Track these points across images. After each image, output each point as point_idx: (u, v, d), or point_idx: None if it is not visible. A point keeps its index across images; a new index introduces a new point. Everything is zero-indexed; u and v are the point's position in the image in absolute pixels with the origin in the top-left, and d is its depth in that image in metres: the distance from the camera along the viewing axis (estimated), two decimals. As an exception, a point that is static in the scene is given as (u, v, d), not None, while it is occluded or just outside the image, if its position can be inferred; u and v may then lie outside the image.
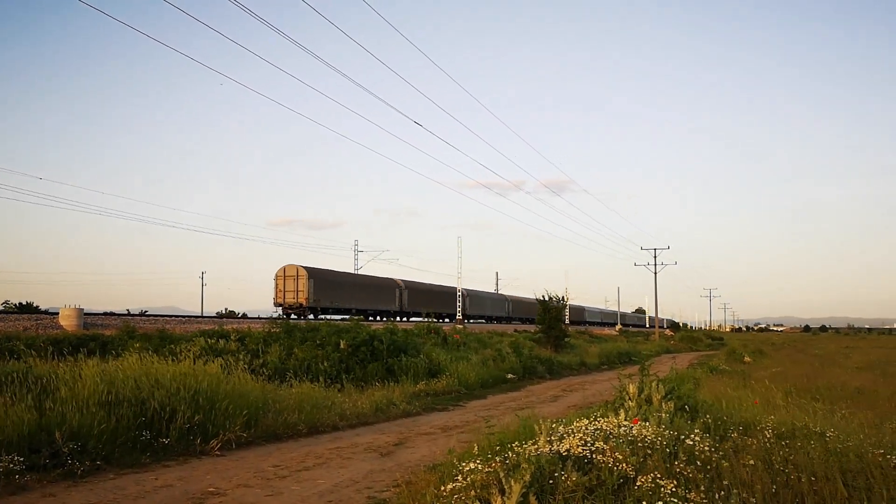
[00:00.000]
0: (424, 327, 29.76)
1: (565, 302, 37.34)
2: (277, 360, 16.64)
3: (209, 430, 10.17)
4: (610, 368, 31.44)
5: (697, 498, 5.39)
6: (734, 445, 7.63)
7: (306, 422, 11.84)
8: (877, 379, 22.32)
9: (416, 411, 14.76)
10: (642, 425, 7.71)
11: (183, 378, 10.66)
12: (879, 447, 7.52)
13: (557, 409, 15.26)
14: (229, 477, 8.41)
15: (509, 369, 23.79)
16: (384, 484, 8.12)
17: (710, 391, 14.88)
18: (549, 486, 5.85)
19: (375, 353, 18.67)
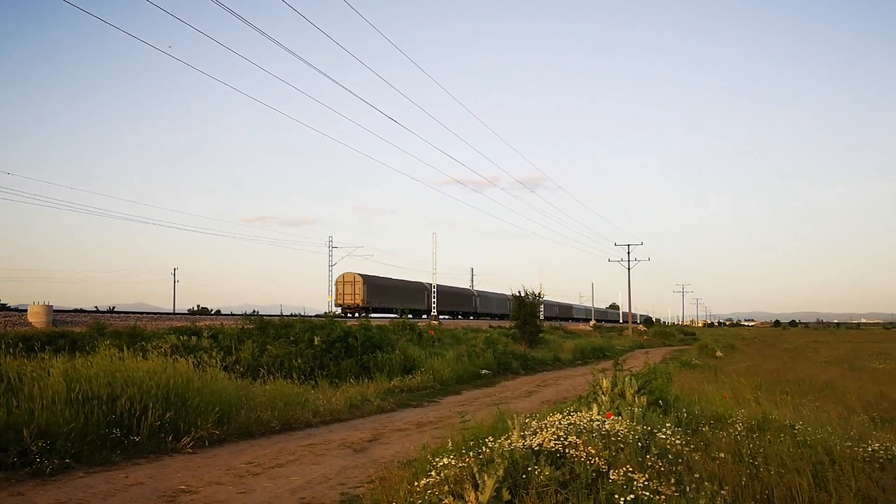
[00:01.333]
0: (399, 323, 29.72)
1: (540, 298, 37.42)
2: (251, 356, 16.52)
3: (181, 427, 10.08)
4: (584, 364, 31.64)
5: (669, 491, 5.43)
6: (705, 439, 7.71)
7: (279, 419, 11.77)
8: (845, 373, 22.69)
9: (391, 407, 14.73)
10: (615, 420, 7.76)
11: (154, 375, 10.55)
12: (847, 440, 7.65)
13: (531, 404, 15.32)
14: (201, 475, 8.33)
15: (484, 365, 23.83)
16: (358, 480, 8.09)
17: (682, 386, 15.02)
18: (523, 480, 5.86)
19: (350, 349, 18.60)
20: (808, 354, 38.23)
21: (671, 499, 5.29)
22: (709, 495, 5.37)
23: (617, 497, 5.37)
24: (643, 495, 5.38)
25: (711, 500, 5.27)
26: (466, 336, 33.91)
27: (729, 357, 34.80)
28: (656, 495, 5.40)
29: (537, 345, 34.79)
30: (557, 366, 30.40)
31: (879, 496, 5.49)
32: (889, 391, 16.17)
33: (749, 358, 33.07)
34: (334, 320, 21.41)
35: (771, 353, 38.62)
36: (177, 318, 32.04)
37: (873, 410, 12.18)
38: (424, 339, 28.35)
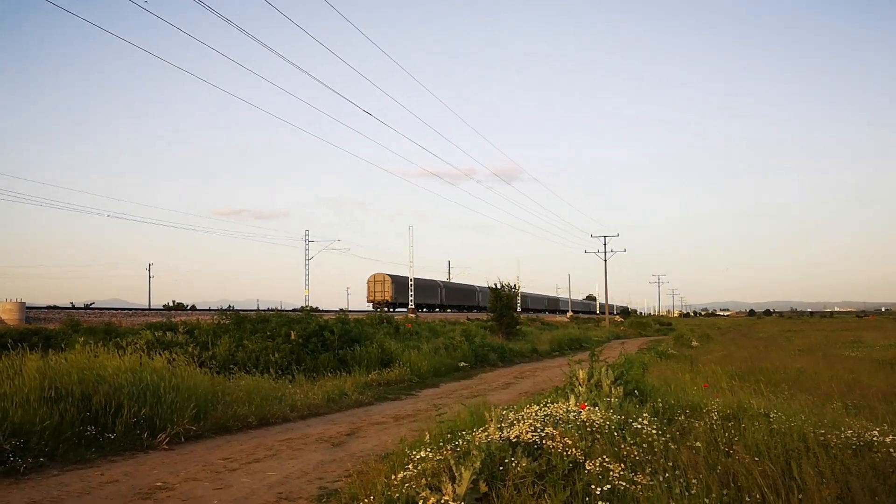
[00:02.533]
0: (377, 317, 29.70)
1: (517, 290, 37.52)
2: (227, 352, 16.41)
3: (156, 423, 9.99)
4: (561, 355, 31.77)
5: (644, 481, 5.48)
6: (681, 428, 7.77)
7: (256, 414, 11.70)
8: (818, 361, 22.96)
9: (369, 401, 14.71)
10: (591, 410, 7.80)
11: (129, 372, 10.45)
12: (821, 427, 7.75)
13: (509, 395, 15.36)
14: (177, 471, 8.27)
15: (461, 357, 23.85)
16: (335, 474, 8.07)
17: (658, 376, 15.14)
18: (500, 472, 5.88)
19: (327, 343, 18.54)
20: (782, 343, 38.66)
21: (647, 488, 5.33)
22: (683, 484, 5.42)
23: (593, 487, 5.41)
24: (619, 485, 5.42)
25: (686, 489, 5.32)
26: (444, 329, 33.96)
27: (704, 347, 35.14)
28: (632, 485, 5.44)
29: (515, 337, 34.90)
30: (535, 357, 30.50)
31: (852, 482, 5.56)
32: (861, 378, 16.40)
33: (724, 347, 33.40)
34: (311, 314, 21.35)
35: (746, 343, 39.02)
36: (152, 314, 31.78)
37: (846, 398, 12.33)
38: (402, 332, 28.37)
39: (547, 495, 5.48)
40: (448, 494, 5.31)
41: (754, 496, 5.22)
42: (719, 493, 5.28)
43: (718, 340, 43.03)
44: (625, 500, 5.27)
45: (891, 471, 6.02)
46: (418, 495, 5.42)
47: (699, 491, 5.24)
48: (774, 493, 5.26)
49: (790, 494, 5.24)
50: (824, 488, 5.21)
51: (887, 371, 19.22)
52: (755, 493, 5.32)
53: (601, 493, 5.29)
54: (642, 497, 5.22)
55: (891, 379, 16.83)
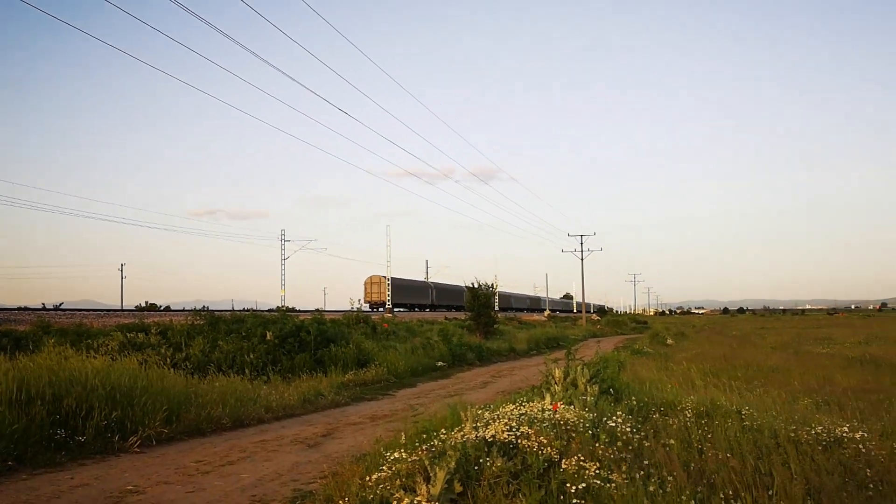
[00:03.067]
0: (353, 317, 29.57)
1: (494, 289, 37.57)
2: (201, 353, 16.25)
3: (128, 426, 9.86)
4: (538, 354, 31.86)
5: (619, 479, 5.49)
6: (655, 426, 7.82)
7: (230, 415, 11.60)
8: (789, 358, 23.26)
9: (345, 401, 14.64)
10: (566, 409, 7.82)
11: (100, 374, 10.31)
12: (792, 423, 7.83)
13: (486, 395, 15.37)
14: (149, 474, 8.17)
15: (439, 357, 23.84)
16: (310, 476, 8.01)
17: (633, 374, 15.22)
18: (475, 472, 5.87)
19: (303, 343, 18.43)
20: (755, 340, 39.09)
21: (621, 486, 5.35)
22: (658, 482, 5.45)
23: (568, 486, 5.41)
24: (594, 483, 5.43)
25: (660, 487, 5.34)
26: (422, 328, 33.93)
27: (679, 344, 35.42)
28: (607, 483, 5.45)
29: (492, 336, 34.94)
30: (512, 356, 30.56)
31: (822, 477, 5.62)
32: (832, 375, 16.62)
33: (699, 345, 33.68)
34: (287, 315, 21.21)
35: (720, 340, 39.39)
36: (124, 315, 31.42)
37: (817, 394, 12.49)
38: (379, 332, 28.28)
39: (522, 494, 5.47)
40: (422, 495, 5.29)
41: (727, 493, 5.25)
42: (693, 490, 5.31)
43: (693, 338, 43.40)
44: (600, 499, 5.28)
45: (860, 466, 6.10)
46: (392, 496, 5.39)
47: (673, 488, 5.27)
48: (746, 490, 5.29)
49: (761, 491, 5.28)
50: (794, 484, 5.26)
51: (857, 368, 19.50)
52: (728, 489, 5.35)
53: (576, 491, 5.30)
54: (617, 495, 5.23)
55: (860, 375, 17.09)
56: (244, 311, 31.52)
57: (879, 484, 5.66)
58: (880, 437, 7.48)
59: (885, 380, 16.16)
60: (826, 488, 5.38)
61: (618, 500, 5.18)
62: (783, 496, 5.11)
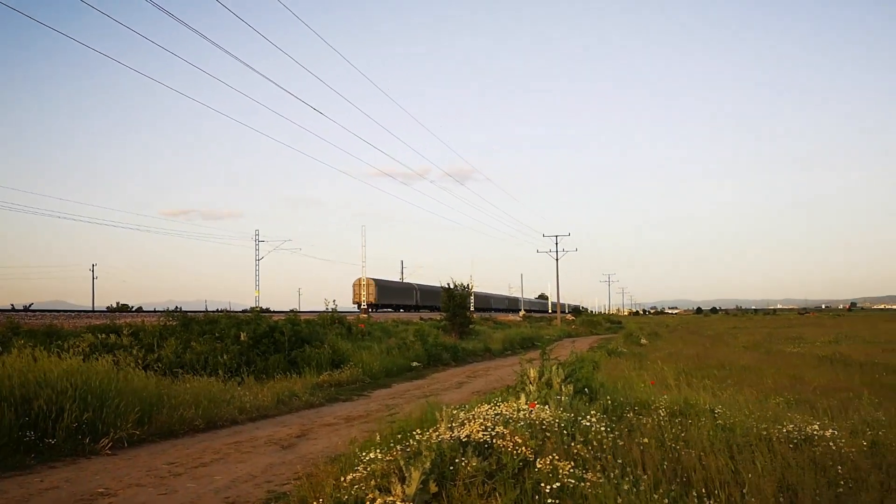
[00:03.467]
0: (328, 317, 29.45)
1: (470, 289, 37.59)
2: (173, 354, 16.08)
3: (99, 428, 9.73)
4: (513, 354, 31.92)
5: (594, 478, 5.51)
6: (630, 425, 7.86)
7: (204, 417, 11.49)
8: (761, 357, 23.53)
9: (320, 402, 14.57)
10: (541, 408, 7.84)
11: (71, 375, 10.16)
12: (763, 422, 7.92)
13: (461, 395, 15.36)
14: (120, 476, 8.06)
15: (414, 357, 23.80)
16: (284, 477, 7.96)
17: (608, 373, 15.30)
18: (450, 472, 5.86)
19: (277, 344, 18.32)
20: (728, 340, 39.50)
21: (596, 485, 5.37)
22: (632, 480, 5.47)
23: (543, 485, 5.42)
24: (568, 483, 5.45)
25: (634, 485, 5.36)
26: (397, 329, 33.85)
27: (653, 344, 35.65)
28: (581, 482, 5.47)
29: (467, 336, 34.96)
30: (488, 356, 30.59)
31: (794, 475, 5.68)
32: (803, 374, 16.83)
33: (672, 345, 33.95)
34: (261, 315, 21.07)
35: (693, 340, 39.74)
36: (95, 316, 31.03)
37: (788, 393, 12.64)
38: (354, 332, 28.18)
39: (497, 494, 5.48)
40: (397, 495, 5.27)
41: (700, 490, 5.29)
42: (667, 488, 5.34)
43: (667, 338, 43.73)
44: (574, 498, 5.30)
45: (830, 464, 6.17)
46: (367, 497, 5.37)
47: (647, 487, 5.29)
48: (720, 487, 5.34)
49: (734, 488, 5.33)
50: (766, 482, 5.31)
51: (827, 366, 19.77)
52: (701, 487, 5.39)
53: (550, 490, 5.31)
54: (591, 494, 5.25)
55: (830, 374, 17.32)
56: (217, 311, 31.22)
57: (850, 481, 5.73)
58: (850, 434, 7.58)
59: (854, 378, 16.40)
60: (798, 485, 5.43)
61: (592, 498, 5.20)
62: (755, 493, 5.15)
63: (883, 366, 19.68)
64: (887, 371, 18.04)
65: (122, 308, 52.99)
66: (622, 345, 32.51)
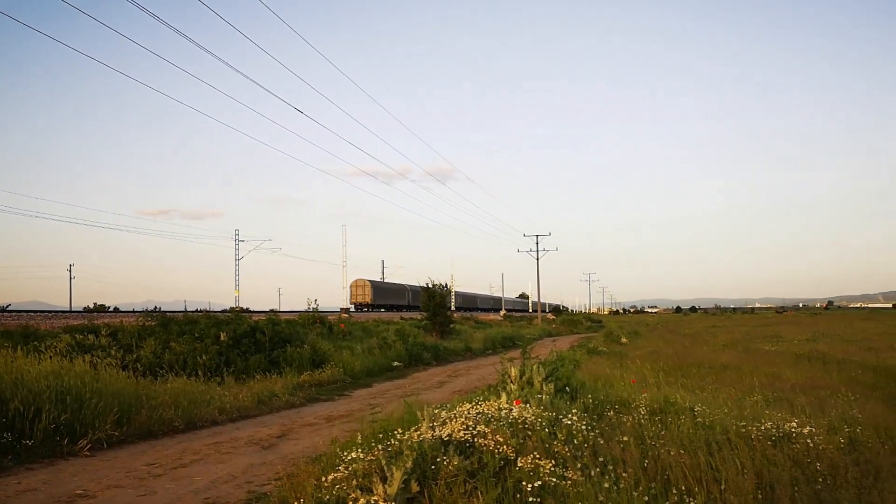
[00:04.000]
0: (309, 317, 29.33)
1: (450, 289, 37.60)
2: (152, 354, 15.95)
3: (77, 429, 9.64)
4: (494, 353, 31.95)
5: (574, 476, 5.53)
6: (610, 423, 7.90)
7: (183, 417, 11.41)
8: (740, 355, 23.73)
9: (300, 402, 14.51)
10: (523, 407, 7.85)
11: (48, 376, 10.07)
12: (742, 419, 7.98)
13: (443, 394, 15.37)
14: (99, 478, 7.99)
15: (395, 357, 23.77)
16: (265, 477, 7.92)
17: (589, 372, 15.36)
18: (432, 471, 5.86)
19: (258, 344, 18.22)
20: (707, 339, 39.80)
21: (577, 483, 5.39)
22: (613, 478, 5.50)
23: (524, 484, 5.43)
24: (549, 481, 5.46)
25: (615, 483, 5.39)
26: (378, 328, 33.78)
27: (633, 343, 35.86)
28: (563, 481, 5.49)
29: (448, 335, 34.95)
30: (469, 356, 30.61)
31: (772, 472, 5.73)
32: (781, 372, 16.99)
33: (652, 343, 34.16)
34: (240, 315, 20.95)
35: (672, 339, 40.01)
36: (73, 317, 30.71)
37: (767, 390, 12.75)
38: (335, 332, 28.10)
39: (479, 493, 5.48)
40: (379, 495, 5.26)
41: (680, 488, 5.32)
42: (647, 486, 5.37)
43: (647, 337, 44.00)
44: (556, 496, 5.32)
45: (808, 461, 6.24)
46: (349, 496, 5.36)
47: (628, 485, 5.32)
48: (699, 484, 5.38)
49: (714, 485, 5.37)
50: (745, 479, 5.35)
51: (804, 364, 19.99)
52: (682, 484, 5.43)
53: (532, 489, 5.32)
54: (572, 492, 5.27)
55: (808, 372, 17.51)
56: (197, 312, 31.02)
57: (828, 477, 5.79)
58: (828, 431, 7.67)
59: (831, 376, 16.59)
60: (776, 482, 5.48)
61: (573, 497, 5.22)
62: (735, 490, 5.20)
63: (859, 363, 19.95)
64: (864, 369, 18.28)
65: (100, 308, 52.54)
66: (602, 344, 32.66)
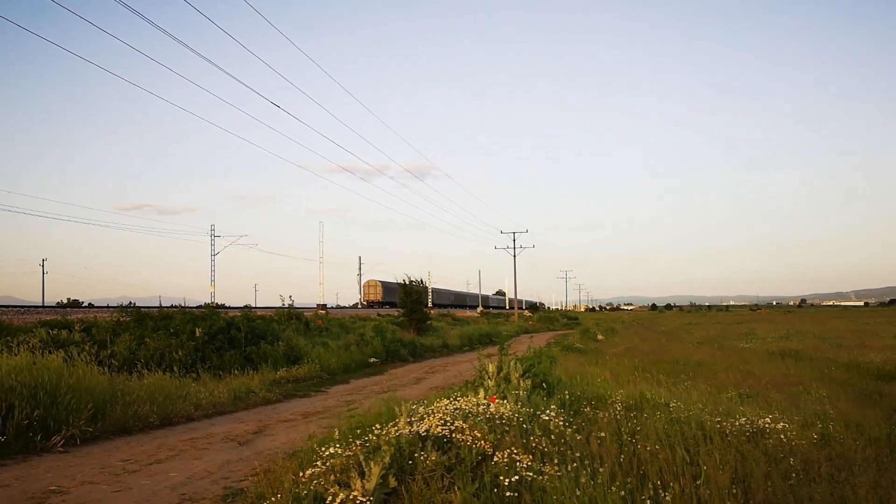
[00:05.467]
0: (285, 313, 29.18)
1: (427, 285, 37.58)
2: (127, 350, 15.81)
3: (51, 425, 9.53)
4: (471, 349, 31.97)
5: (551, 471, 5.56)
6: (587, 419, 7.95)
7: (159, 413, 11.32)
8: (714, 352, 23.97)
9: (277, 398, 14.46)
10: (500, 403, 7.89)
11: (20, 372, 9.95)
12: (717, 415, 8.07)
13: (420, 391, 15.38)
14: (73, 474, 7.90)
15: (372, 353, 23.75)
16: (242, 473, 7.88)
17: (565, 369, 15.44)
18: (409, 466, 5.86)
19: (233, 340, 18.11)
20: (682, 336, 40.18)
21: (553, 478, 5.42)
22: (589, 473, 5.54)
23: (501, 479, 5.45)
24: (526, 476, 5.49)
25: (591, 478, 5.43)
26: (355, 325, 33.70)
27: (609, 340, 36.09)
28: (539, 475, 5.52)
29: (425, 332, 34.96)
30: (446, 352, 30.66)
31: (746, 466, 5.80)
32: (754, 369, 17.20)
33: (628, 340, 34.41)
34: (216, 311, 20.79)
35: (648, 336, 40.33)
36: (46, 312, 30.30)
37: (741, 387, 12.89)
38: (312, 328, 27.99)
39: (456, 488, 5.50)
40: (357, 490, 5.26)
41: (656, 482, 5.37)
42: (623, 480, 5.41)
43: (623, 334, 44.29)
44: (532, 491, 5.34)
45: (782, 456, 6.32)
46: (327, 492, 5.34)
47: (604, 479, 5.36)
48: (675, 479, 5.43)
49: (689, 480, 5.42)
50: (720, 473, 5.41)
51: (777, 361, 20.24)
52: (657, 479, 5.48)
53: (509, 484, 5.34)
54: (549, 486, 5.30)
55: (781, 369, 17.73)
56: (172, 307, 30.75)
57: (801, 472, 5.87)
58: (801, 427, 7.78)
59: (804, 373, 16.82)
60: (751, 476, 5.55)
61: (550, 491, 5.25)
62: (710, 485, 5.25)
63: (832, 360, 20.22)
64: (836, 366, 18.53)
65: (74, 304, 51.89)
66: (579, 340, 32.84)
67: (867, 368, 17.94)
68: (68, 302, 55.10)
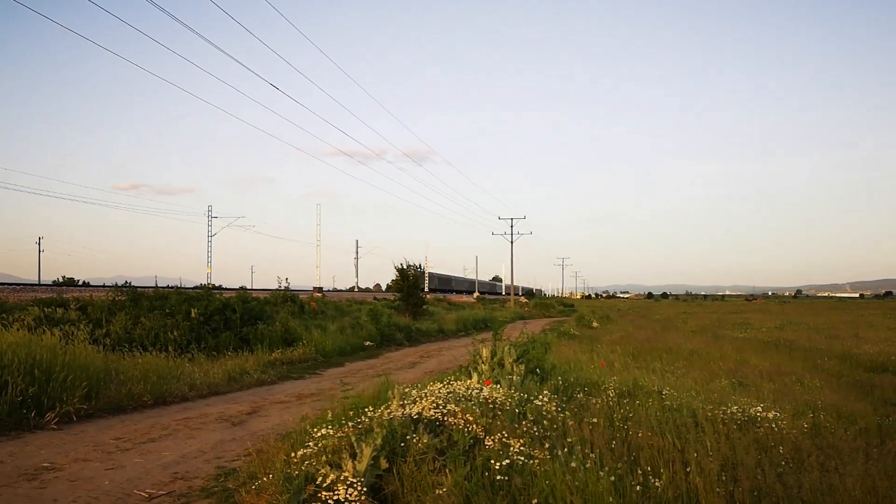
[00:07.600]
0: (280, 295, 29.20)
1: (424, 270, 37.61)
2: (122, 329, 15.82)
3: (45, 402, 9.55)
4: (467, 335, 32.05)
5: (542, 455, 5.58)
6: (580, 405, 7.97)
7: (153, 392, 11.34)
8: (708, 341, 24.02)
9: (271, 380, 14.48)
10: (493, 388, 7.91)
11: (16, 349, 9.94)
12: (709, 403, 8.11)
13: (414, 374, 15.42)
14: (66, 451, 7.93)
15: (367, 337, 23.78)
16: (234, 453, 7.91)
17: (559, 355, 15.48)
18: (401, 448, 5.89)
19: (229, 322, 18.13)
20: (677, 324, 40.24)
21: (544, 462, 5.44)
22: (580, 458, 5.56)
23: (492, 462, 5.48)
24: (518, 460, 5.51)
25: (582, 463, 5.45)
26: (350, 308, 33.72)
27: (605, 327, 36.14)
28: (530, 459, 5.54)
29: (421, 316, 35.01)
30: (441, 337, 30.72)
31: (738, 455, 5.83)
32: (748, 358, 17.25)
33: (623, 328, 34.45)
34: (212, 292, 20.79)
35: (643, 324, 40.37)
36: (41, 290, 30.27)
37: (734, 376, 12.95)
38: (307, 311, 28.01)
39: (447, 471, 5.52)
40: (348, 471, 5.28)
41: (646, 469, 5.40)
42: (614, 466, 5.44)
43: (618, 322, 44.34)
44: (523, 475, 5.36)
45: (772, 444, 6.35)
46: (318, 472, 5.36)
47: (594, 465, 5.38)
48: (665, 466, 5.45)
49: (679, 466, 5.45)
50: (710, 461, 5.44)
51: (771, 351, 20.33)
52: (648, 465, 5.50)
53: (500, 467, 5.37)
54: (540, 471, 5.32)
55: (774, 359, 17.79)
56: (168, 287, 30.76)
57: (791, 461, 5.90)
58: (792, 416, 7.82)
59: (797, 363, 16.89)
60: (741, 464, 5.58)
61: (540, 475, 5.27)
62: (700, 472, 5.28)
63: (825, 351, 20.31)
64: (829, 357, 18.61)
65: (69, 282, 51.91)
66: (574, 327, 32.90)
67: (860, 360, 18.03)
68: (64, 280, 55.13)
